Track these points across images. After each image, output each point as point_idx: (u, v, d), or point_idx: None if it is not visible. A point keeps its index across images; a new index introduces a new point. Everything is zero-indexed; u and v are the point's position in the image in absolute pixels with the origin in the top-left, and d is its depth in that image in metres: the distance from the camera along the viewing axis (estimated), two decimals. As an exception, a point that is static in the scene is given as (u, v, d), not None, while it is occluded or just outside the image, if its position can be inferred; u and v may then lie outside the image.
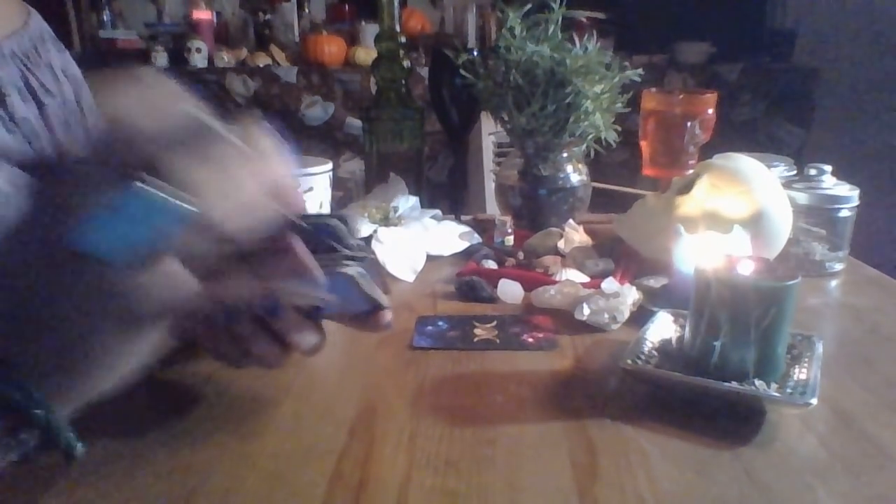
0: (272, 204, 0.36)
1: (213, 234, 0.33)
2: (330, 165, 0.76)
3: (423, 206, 0.89)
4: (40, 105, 0.59)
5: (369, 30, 2.72)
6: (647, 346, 0.54)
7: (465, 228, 0.86)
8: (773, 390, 0.47)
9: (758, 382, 0.47)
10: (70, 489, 0.39)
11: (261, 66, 2.66)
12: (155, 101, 0.34)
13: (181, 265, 0.33)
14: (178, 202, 0.32)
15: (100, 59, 2.64)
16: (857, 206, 0.77)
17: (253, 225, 0.35)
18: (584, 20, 0.81)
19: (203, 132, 0.34)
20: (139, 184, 0.31)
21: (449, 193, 1.03)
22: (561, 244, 0.79)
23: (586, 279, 0.71)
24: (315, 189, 0.73)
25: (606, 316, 0.61)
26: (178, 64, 2.65)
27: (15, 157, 0.54)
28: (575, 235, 0.80)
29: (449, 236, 0.83)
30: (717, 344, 0.48)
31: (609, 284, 0.64)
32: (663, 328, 0.57)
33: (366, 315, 0.46)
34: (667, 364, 0.52)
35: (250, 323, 0.43)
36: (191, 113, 0.34)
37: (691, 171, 0.76)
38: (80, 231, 0.31)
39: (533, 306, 0.66)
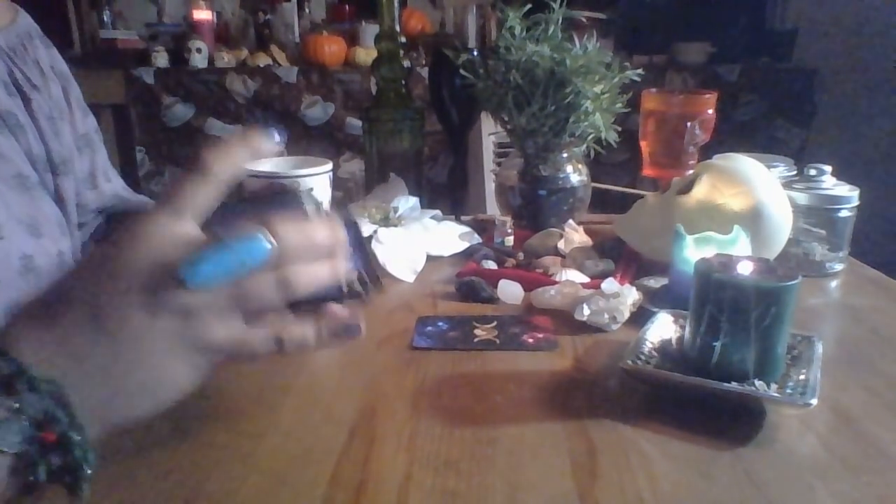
0: (332, 266, 0.38)
1: (278, 276, 0.35)
2: (330, 165, 0.76)
3: (423, 206, 0.89)
4: (26, 99, 0.60)
5: (369, 30, 2.71)
6: (647, 347, 0.54)
7: (465, 229, 0.86)
8: (773, 390, 0.47)
9: (758, 383, 0.47)
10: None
11: (261, 66, 2.66)
12: None
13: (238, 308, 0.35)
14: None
15: (100, 59, 2.64)
16: (857, 206, 0.77)
17: (313, 279, 0.37)
18: (584, 20, 0.81)
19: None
20: (263, 238, 0.34)
21: (449, 193, 1.03)
22: (561, 244, 0.79)
23: (586, 279, 0.71)
24: (315, 189, 0.73)
25: (606, 316, 0.61)
26: (178, 64, 2.65)
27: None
28: (575, 236, 0.80)
29: (449, 236, 0.83)
30: (717, 344, 0.48)
31: (609, 285, 0.64)
32: (663, 329, 0.57)
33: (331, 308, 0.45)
34: (667, 364, 0.52)
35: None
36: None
37: (691, 171, 0.76)
38: (192, 263, 0.33)
39: (533, 307, 0.66)
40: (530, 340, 0.59)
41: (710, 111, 0.91)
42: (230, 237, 0.34)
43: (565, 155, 0.86)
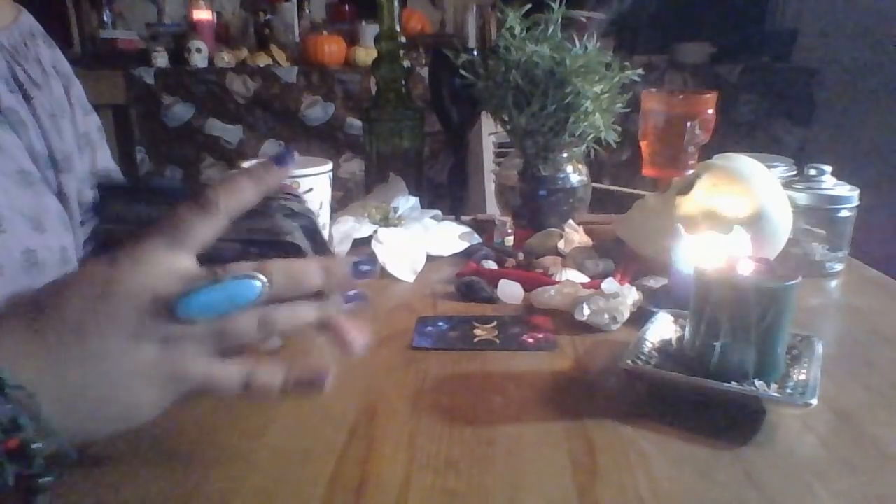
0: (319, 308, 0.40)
1: (261, 315, 0.36)
2: (330, 165, 0.76)
3: (423, 206, 0.89)
4: (27, 97, 0.61)
5: (369, 30, 2.71)
6: (647, 347, 0.54)
7: (465, 228, 0.86)
8: (773, 390, 0.47)
9: (758, 383, 0.47)
10: (69, 489, 0.39)
11: (261, 66, 2.66)
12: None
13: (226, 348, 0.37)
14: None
15: (100, 59, 2.64)
16: (857, 206, 0.77)
17: (296, 320, 0.38)
18: (584, 20, 0.81)
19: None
20: (257, 280, 0.35)
21: (449, 193, 1.03)
22: (561, 244, 0.79)
23: (586, 279, 0.71)
24: (315, 189, 0.73)
25: (606, 316, 0.61)
26: (179, 64, 2.65)
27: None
28: (575, 236, 0.80)
29: (449, 236, 0.83)
30: (717, 344, 0.48)
31: (609, 285, 0.64)
32: (663, 329, 0.57)
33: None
34: (667, 364, 0.52)
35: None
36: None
37: (691, 171, 0.76)
38: (186, 296, 0.34)
39: (533, 307, 0.66)
40: (530, 340, 0.59)
41: (710, 111, 0.91)
42: (225, 275, 0.35)
43: (565, 155, 0.86)
